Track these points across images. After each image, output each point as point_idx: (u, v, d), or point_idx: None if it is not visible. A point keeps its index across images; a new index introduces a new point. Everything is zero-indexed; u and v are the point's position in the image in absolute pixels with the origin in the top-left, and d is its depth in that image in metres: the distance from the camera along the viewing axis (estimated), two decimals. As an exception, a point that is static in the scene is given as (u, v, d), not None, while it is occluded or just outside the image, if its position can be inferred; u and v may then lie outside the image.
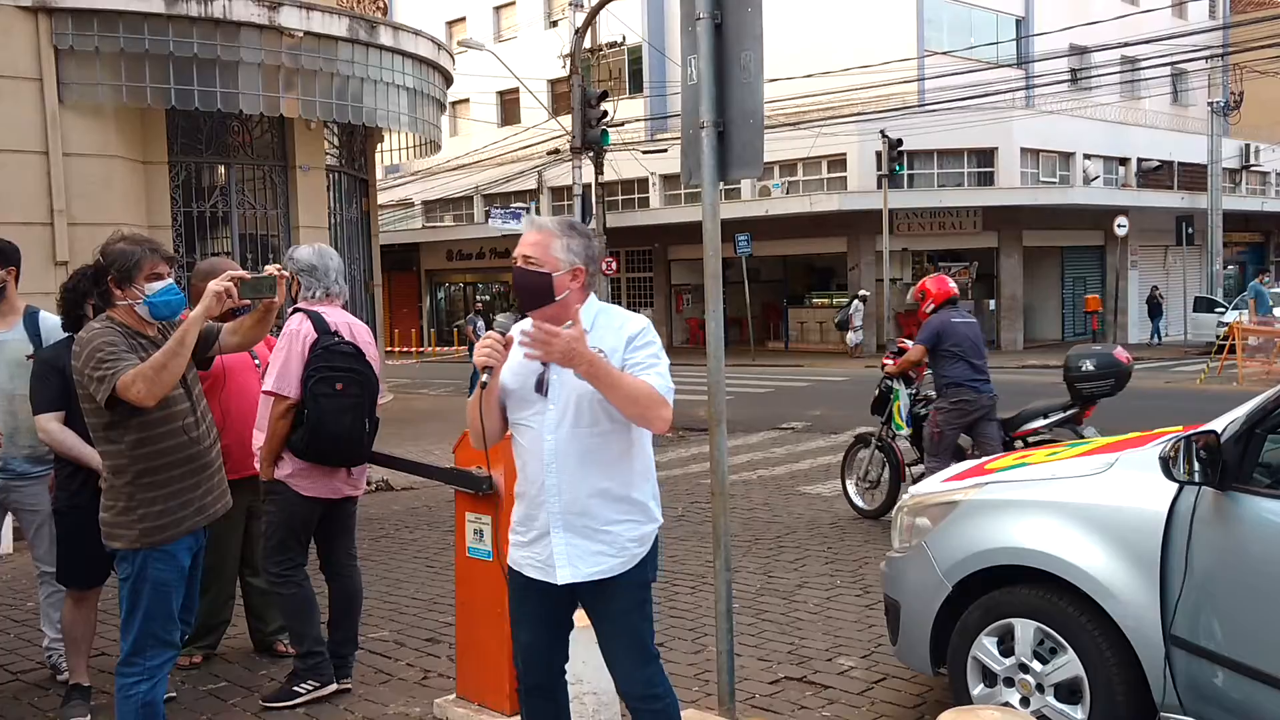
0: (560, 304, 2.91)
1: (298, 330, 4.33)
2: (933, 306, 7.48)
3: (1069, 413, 7.25)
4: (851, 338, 26.02)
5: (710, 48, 3.83)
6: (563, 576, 2.93)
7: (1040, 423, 7.32)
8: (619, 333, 2.95)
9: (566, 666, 3.22)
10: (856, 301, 26.11)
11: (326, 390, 4.26)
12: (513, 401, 2.98)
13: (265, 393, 4.33)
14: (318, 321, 4.36)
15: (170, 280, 3.47)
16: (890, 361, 7.80)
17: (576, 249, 2.95)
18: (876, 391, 8.01)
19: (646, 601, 3.07)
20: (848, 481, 8.11)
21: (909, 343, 7.85)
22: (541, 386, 2.92)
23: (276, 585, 4.45)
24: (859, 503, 7.99)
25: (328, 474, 4.42)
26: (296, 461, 4.34)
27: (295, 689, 4.39)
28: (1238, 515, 3.18)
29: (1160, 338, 28.71)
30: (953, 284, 7.67)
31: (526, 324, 2.92)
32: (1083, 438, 6.94)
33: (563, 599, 3.02)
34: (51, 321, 4.59)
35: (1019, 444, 7.26)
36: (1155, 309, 28.85)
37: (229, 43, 10.86)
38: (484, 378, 2.85)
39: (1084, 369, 7.15)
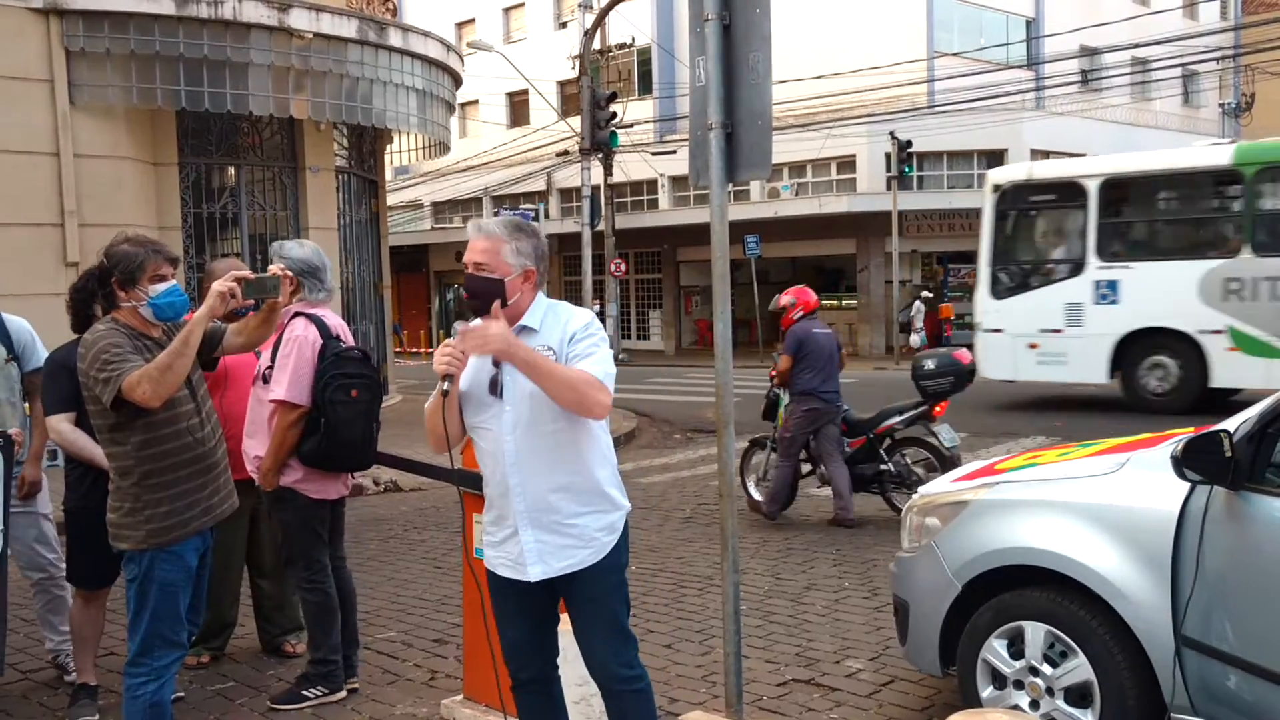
0: (513, 306, 2.94)
1: (304, 336, 4.25)
2: (801, 314, 7.86)
3: (919, 410, 7.73)
4: (915, 339, 24.46)
5: (718, 49, 3.82)
6: (534, 574, 2.97)
7: (896, 419, 7.79)
8: (564, 327, 2.98)
9: (571, 668, 3.22)
10: (918, 303, 24.92)
11: (343, 398, 4.23)
12: (470, 405, 3.02)
13: (275, 402, 4.23)
14: (321, 326, 4.32)
15: (174, 282, 3.47)
16: (775, 375, 8.10)
17: (526, 250, 2.98)
18: (765, 401, 8.39)
19: (623, 584, 3.11)
20: (748, 481, 8.45)
21: None
22: (495, 388, 2.96)
23: (306, 592, 4.43)
24: (760, 499, 8.29)
25: (333, 476, 4.43)
26: (303, 466, 4.33)
27: (304, 693, 4.39)
28: (1250, 515, 3.15)
29: None
30: (814, 296, 8.13)
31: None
32: (934, 434, 7.61)
33: (541, 593, 3.04)
34: (17, 323, 4.57)
35: (887, 439, 7.82)
36: None
37: (239, 44, 10.89)
38: (444, 385, 2.88)
39: (925, 368, 7.69)
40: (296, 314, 4.34)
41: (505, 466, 2.96)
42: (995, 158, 28.01)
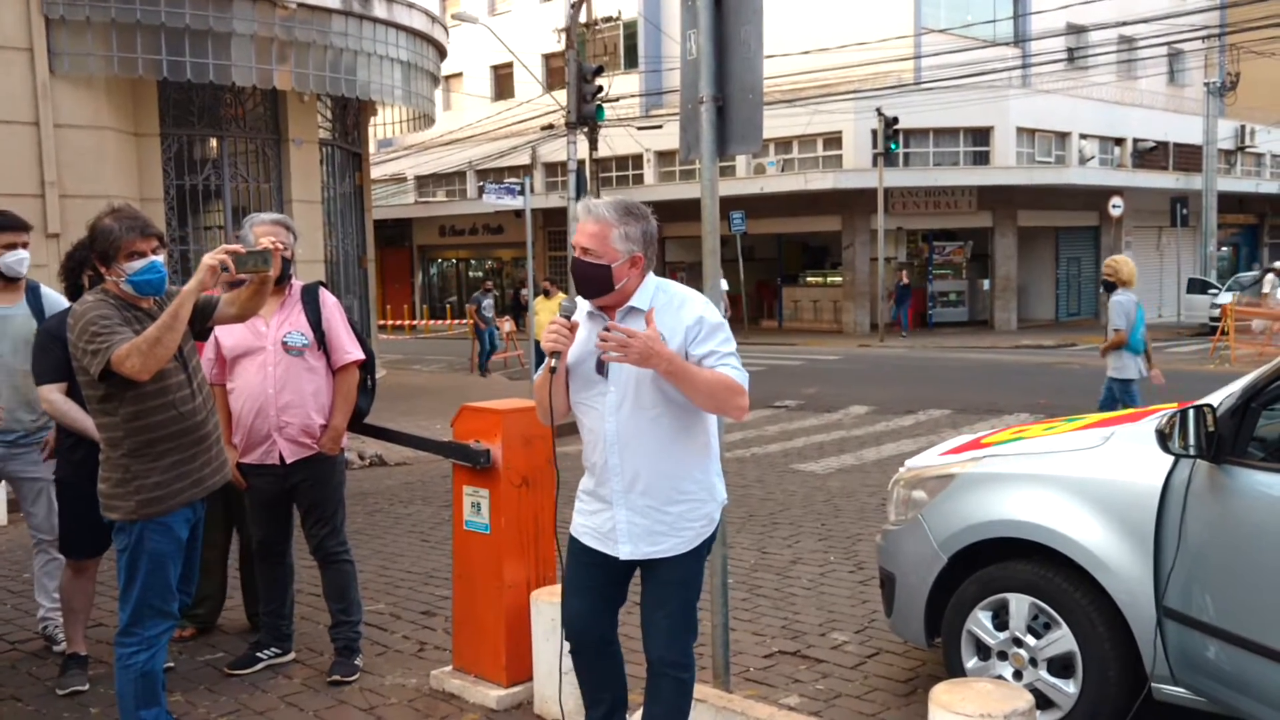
0: (620, 292, 2.96)
1: (336, 302, 4.49)
2: None
3: None
4: (1257, 324, 18.34)
5: (710, 22, 3.81)
6: (624, 552, 3.00)
7: None
8: (677, 314, 2.97)
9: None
10: (1272, 276, 18.75)
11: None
12: (575, 381, 3.04)
13: (350, 365, 4.38)
14: None
15: (153, 258, 3.40)
16: None
17: (634, 235, 2.96)
18: None
19: (700, 573, 3.12)
20: None
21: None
22: (602, 368, 2.97)
23: (345, 559, 4.48)
24: None
25: None
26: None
27: (356, 662, 4.43)
28: (1232, 488, 3.20)
29: (905, 327, 25.91)
30: None
31: (588, 306, 3.01)
32: None
33: (621, 570, 3.07)
34: (53, 296, 4.59)
35: None
36: (903, 294, 26.21)
37: (221, 13, 10.75)
38: (552, 362, 2.93)
39: None
40: (318, 283, 4.51)
41: (605, 446, 2.98)
42: (981, 135, 28.06)
